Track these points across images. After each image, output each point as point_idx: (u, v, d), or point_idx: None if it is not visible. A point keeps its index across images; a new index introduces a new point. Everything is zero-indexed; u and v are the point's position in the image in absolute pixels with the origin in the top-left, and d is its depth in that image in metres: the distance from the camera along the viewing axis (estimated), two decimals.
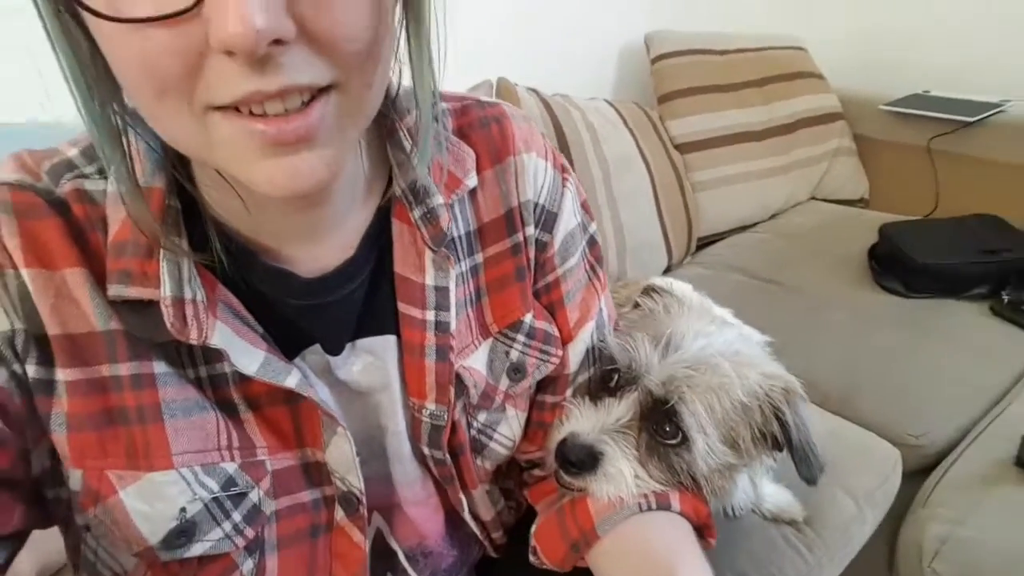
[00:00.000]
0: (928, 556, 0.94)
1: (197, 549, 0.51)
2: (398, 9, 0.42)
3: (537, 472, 0.70)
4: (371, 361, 0.58)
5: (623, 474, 0.59)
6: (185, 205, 0.48)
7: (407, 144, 0.54)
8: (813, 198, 1.97)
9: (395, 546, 0.64)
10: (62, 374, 0.46)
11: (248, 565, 0.54)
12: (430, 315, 0.57)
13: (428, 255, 0.56)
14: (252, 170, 0.39)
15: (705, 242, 1.82)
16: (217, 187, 0.47)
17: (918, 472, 1.12)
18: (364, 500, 0.57)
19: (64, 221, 0.46)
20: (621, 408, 0.61)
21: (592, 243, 0.68)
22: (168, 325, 0.46)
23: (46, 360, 0.46)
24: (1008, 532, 0.92)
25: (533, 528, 0.65)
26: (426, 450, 0.60)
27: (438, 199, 0.55)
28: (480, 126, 0.60)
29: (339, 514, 0.57)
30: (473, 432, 0.63)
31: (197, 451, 0.50)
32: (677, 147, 1.79)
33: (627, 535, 0.59)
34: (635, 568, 0.56)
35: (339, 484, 0.56)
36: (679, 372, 0.60)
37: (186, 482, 0.49)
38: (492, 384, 0.63)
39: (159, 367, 0.48)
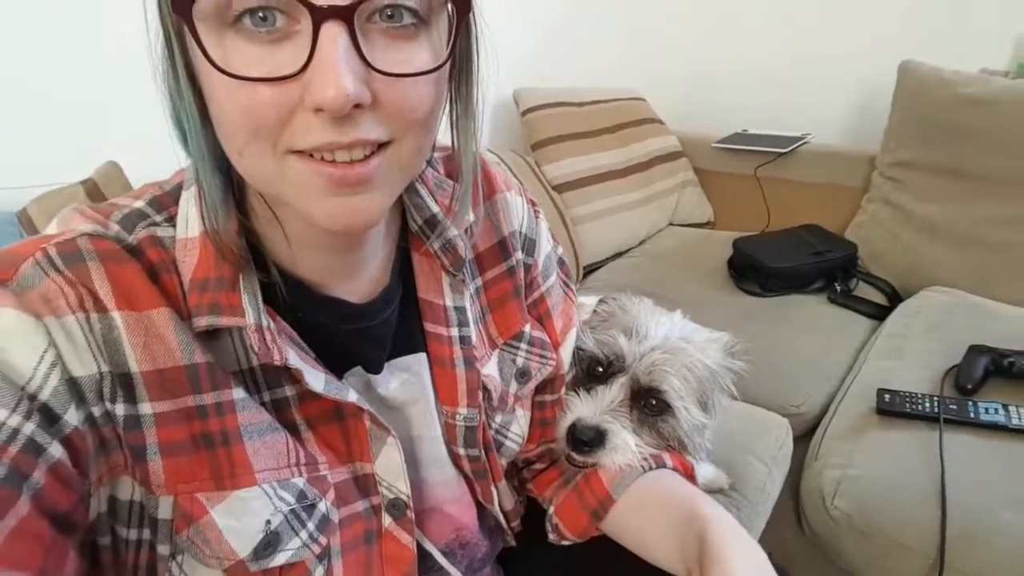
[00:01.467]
0: (829, 497, 1.14)
1: (280, 558, 0.55)
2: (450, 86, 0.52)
3: (536, 466, 0.80)
4: (406, 378, 0.65)
5: (627, 443, 0.71)
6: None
7: (421, 188, 0.65)
8: (671, 224, 2.26)
9: (429, 547, 0.71)
10: (151, 407, 0.49)
11: (319, 571, 0.58)
12: (454, 331, 0.66)
13: (445, 280, 0.66)
14: (316, 205, 0.47)
15: (589, 270, 2.02)
16: (270, 226, 0.54)
17: (804, 435, 1.34)
18: (412, 504, 0.63)
19: (141, 265, 0.50)
20: (613, 393, 0.73)
21: (561, 263, 0.81)
22: (254, 349, 0.51)
23: (132, 398, 0.49)
24: (884, 464, 1.14)
25: (551, 509, 0.74)
26: (462, 451, 0.68)
27: (453, 231, 0.65)
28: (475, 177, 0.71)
29: (386, 520, 0.63)
30: (492, 432, 0.72)
31: (273, 468, 0.54)
32: (555, 188, 1.98)
33: (639, 492, 0.70)
34: (656, 513, 0.67)
35: (386, 492, 0.62)
36: (656, 359, 0.74)
37: (268, 496, 0.54)
38: (505, 389, 0.72)
39: (237, 393, 0.53)
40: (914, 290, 1.67)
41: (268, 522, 0.54)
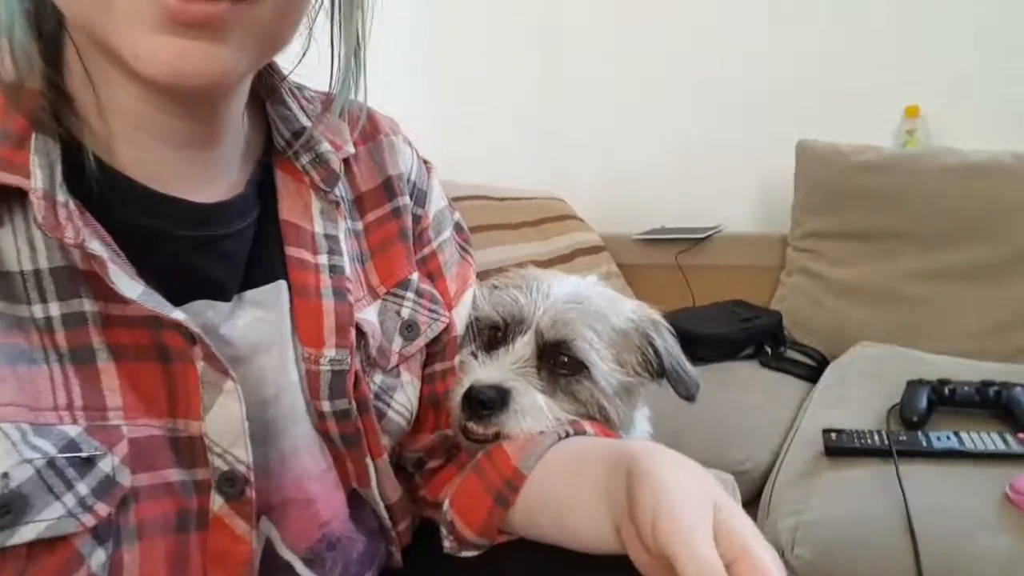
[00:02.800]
0: (788, 547, 1.00)
1: (29, 532, 0.38)
2: None
3: (431, 464, 0.65)
4: (260, 316, 0.53)
5: (537, 403, 0.58)
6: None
7: (290, 100, 0.57)
8: None
9: (288, 555, 0.53)
10: None
11: (98, 557, 0.41)
12: (323, 259, 0.55)
13: (316, 206, 0.57)
14: (142, 42, 0.39)
15: None
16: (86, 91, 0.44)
17: (754, 496, 1.21)
18: (252, 478, 0.48)
19: None
20: (517, 351, 0.62)
21: (459, 228, 0.72)
22: (38, 219, 0.40)
23: None
24: (842, 504, 1.02)
25: (446, 501, 0.59)
26: (326, 406, 0.53)
27: (325, 145, 0.57)
28: (353, 114, 0.64)
29: (216, 503, 0.47)
30: (370, 393, 0.58)
31: (22, 406, 0.40)
32: (477, 275, 1.92)
33: (555, 459, 0.56)
34: (575, 474, 0.53)
35: (218, 463, 0.47)
36: (561, 309, 0.63)
37: (10, 441, 0.39)
38: (387, 344, 0.60)
39: None
40: (843, 352, 1.64)
41: (6, 476, 0.38)
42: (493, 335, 0.65)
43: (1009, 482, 0.95)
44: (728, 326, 1.70)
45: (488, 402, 0.57)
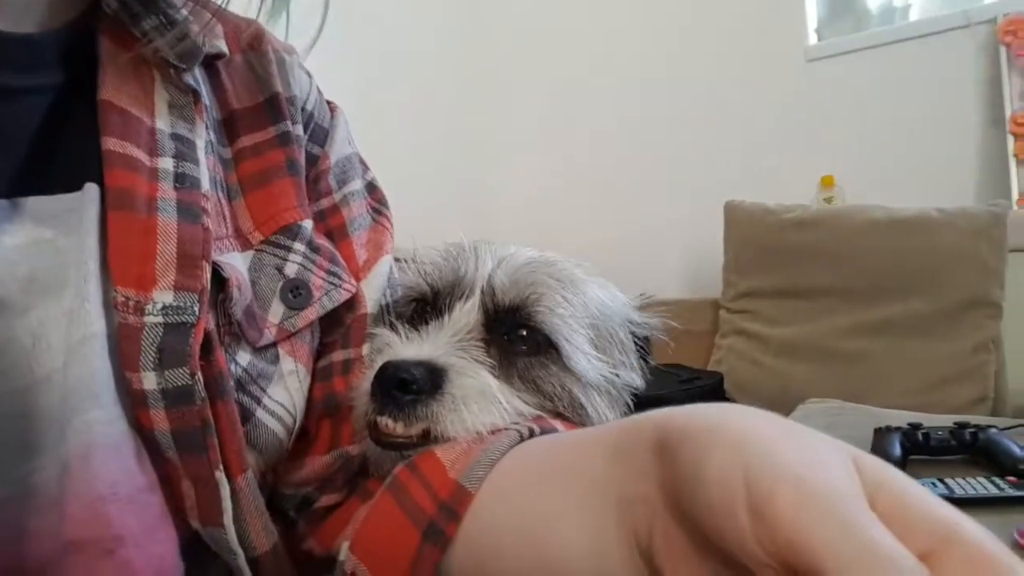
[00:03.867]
0: None
1: None
2: None
3: (324, 501, 0.44)
4: (44, 238, 0.33)
5: (485, 385, 0.39)
6: None
7: None
8: None
9: None
10: None
11: None
12: (165, 163, 0.37)
13: (162, 95, 0.40)
14: None
15: None
16: None
17: None
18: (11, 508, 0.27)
19: None
20: (457, 319, 0.43)
21: (372, 188, 0.55)
22: None
23: None
24: None
25: (344, 545, 0.38)
26: (150, 379, 0.33)
27: (183, 12, 0.40)
28: (233, 18, 0.49)
29: None
30: (236, 376, 0.38)
31: None
32: None
33: (520, 464, 0.37)
34: (561, 477, 0.34)
35: None
36: (520, 267, 0.46)
37: None
38: (259, 311, 0.41)
39: None
40: (789, 412, 1.52)
41: None
42: (420, 309, 0.47)
43: (1017, 528, 0.82)
44: (667, 388, 1.56)
45: (412, 384, 0.38)
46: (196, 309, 0.34)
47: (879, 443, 1.08)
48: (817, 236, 1.66)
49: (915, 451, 1.06)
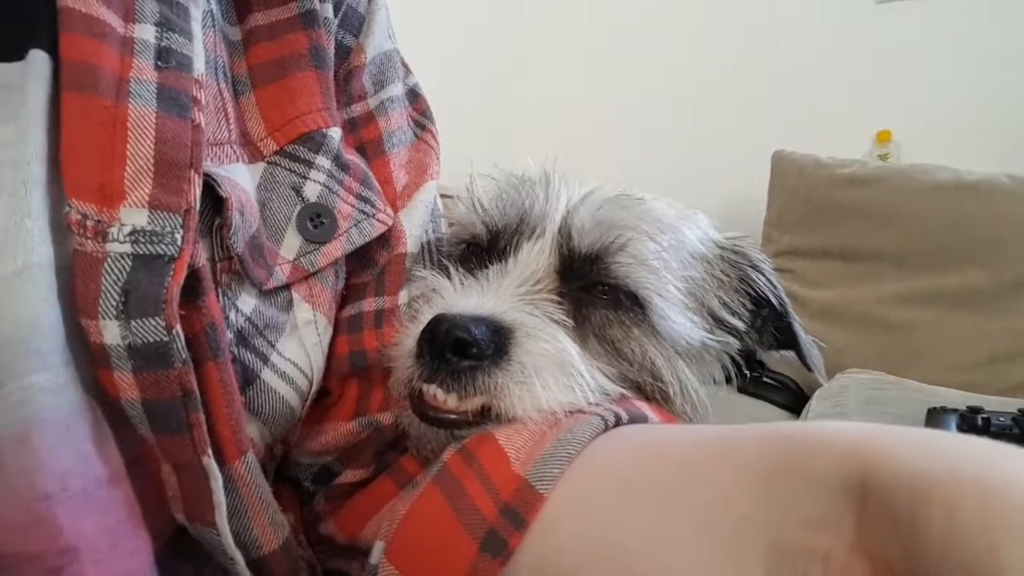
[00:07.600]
0: None
1: None
2: None
3: (346, 476, 0.36)
4: None
5: (564, 351, 0.31)
6: None
7: None
8: None
9: None
10: None
11: None
12: (144, 31, 0.28)
13: None
14: None
15: None
16: None
17: None
18: None
19: None
20: (526, 264, 0.34)
21: (415, 96, 0.45)
22: None
23: None
24: None
25: (377, 547, 0.30)
26: (113, 330, 0.25)
27: None
28: None
29: None
30: (237, 327, 0.29)
31: None
32: None
33: (607, 465, 0.28)
34: (672, 491, 0.26)
35: None
36: (603, 205, 0.37)
37: None
38: (268, 243, 0.32)
39: None
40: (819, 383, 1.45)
41: None
42: (476, 254, 0.38)
43: None
44: None
45: (472, 347, 0.29)
46: (178, 237, 0.26)
47: (932, 425, 1.01)
48: (872, 195, 1.54)
49: (972, 434, 0.99)
